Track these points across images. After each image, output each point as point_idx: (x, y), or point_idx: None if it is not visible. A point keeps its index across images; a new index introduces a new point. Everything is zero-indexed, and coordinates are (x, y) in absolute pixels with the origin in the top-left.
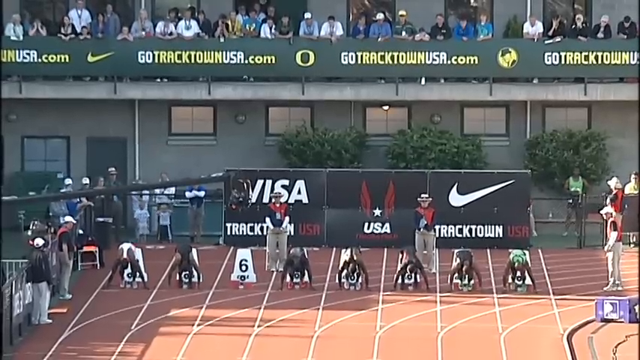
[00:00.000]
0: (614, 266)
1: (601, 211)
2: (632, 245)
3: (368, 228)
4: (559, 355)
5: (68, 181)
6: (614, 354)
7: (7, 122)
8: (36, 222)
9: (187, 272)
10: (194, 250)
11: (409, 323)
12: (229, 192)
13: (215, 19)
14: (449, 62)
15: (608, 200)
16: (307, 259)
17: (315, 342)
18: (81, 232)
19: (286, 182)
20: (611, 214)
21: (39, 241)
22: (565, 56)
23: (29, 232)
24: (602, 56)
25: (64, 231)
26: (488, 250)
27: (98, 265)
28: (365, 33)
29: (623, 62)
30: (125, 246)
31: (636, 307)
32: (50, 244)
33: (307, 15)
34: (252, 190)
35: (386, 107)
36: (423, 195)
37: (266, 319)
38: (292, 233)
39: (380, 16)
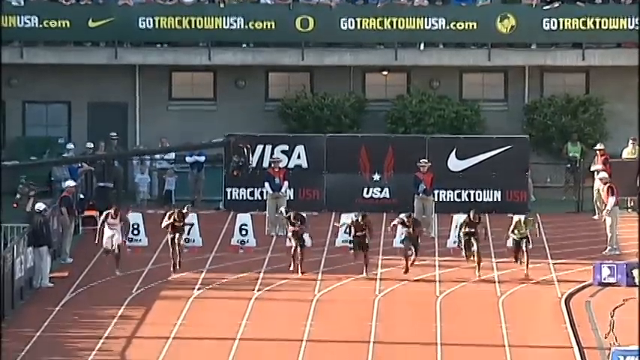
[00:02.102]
0: (613, 230)
1: (597, 176)
2: (629, 210)
3: (367, 192)
4: (557, 319)
5: (70, 145)
6: (612, 317)
7: (8, 87)
8: (21, 185)
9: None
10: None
11: (408, 287)
12: (229, 157)
13: None
14: (447, 28)
15: (596, 165)
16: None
17: (314, 306)
18: (82, 196)
19: (286, 147)
20: (607, 179)
21: (40, 206)
22: (563, 22)
23: (17, 196)
24: (600, 22)
25: (66, 195)
26: (486, 215)
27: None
28: None
29: (621, 28)
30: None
31: (634, 271)
32: (51, 209)
33: None
34: (252, 155)
35: (385, 72)
36: (421, 160)
37: (266, 283)
38: (292, 198)
39: None
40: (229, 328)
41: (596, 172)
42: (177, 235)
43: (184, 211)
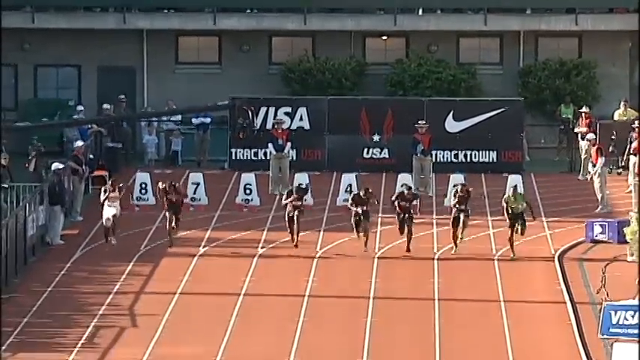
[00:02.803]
0: (603, 190)
1: (586, 137)
2: (619, 169)
3: (367, 153)
4: (551, 275)
5: (80, 107)
6: (603, 273)
7: (21, 51)
8: (31, 146)
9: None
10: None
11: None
12: (234, 119)
13: None
14: None
15: (580, 127)
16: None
17: (316, 263)
18: (92, 156)
19: (289, 109)
20: (596, 139)
21: (56, 165)
22: None
23: (29, 157)
24: None
25: (75, 155)
26: (482, 175)
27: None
28: None
29: None
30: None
31: (625, 229)
32: (63, 168)
33: None
34: (256, 117)
35: (384, 37)
36: (420, 121)
37: (269, 241)
38: (294, 158)
39: None
40: (234, 284)
41: (579, 134)
42: (174, 214)
43: (176, 184)
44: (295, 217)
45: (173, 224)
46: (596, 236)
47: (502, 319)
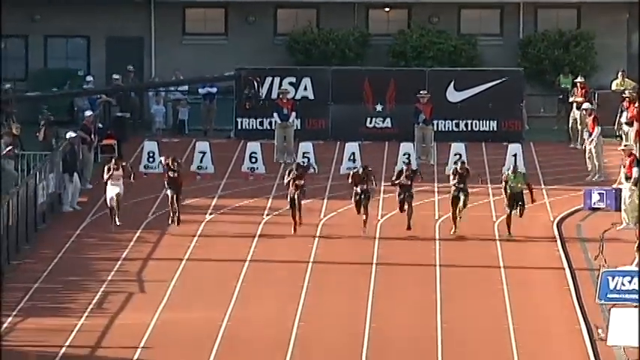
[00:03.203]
0: (600, 159)
1: (582, 107)
2: (616, 137)
3: (370, 122)
4: (550, 241)
5: (89, 78)
6: (601, 240)
7: (31, 22)
8: (40, 115)
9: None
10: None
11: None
12: (240, 89)
13: None
14: None
15: (575, 97)
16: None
17: (320, 230)
18: (100, 126)
19: (293, 79)
20: (592, 109)
21: (70, 134)
22: None
23: (39, 126)
24: None
25: (85, 124)
26: (483, 144)
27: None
28: None
29: None
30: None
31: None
32: (75, 137)
33: None
34: (262, 87)
35: (387, 9)
36: (421, 91)
37: (274, 208)
38: (299, 127)
39: None
40: (240, 250)
41: (575, 104)
42: (175, 191)
43: (179, 161)
44: (297, 200)
45: (175, 205)
46: (594, 204)
47: (502, 285)
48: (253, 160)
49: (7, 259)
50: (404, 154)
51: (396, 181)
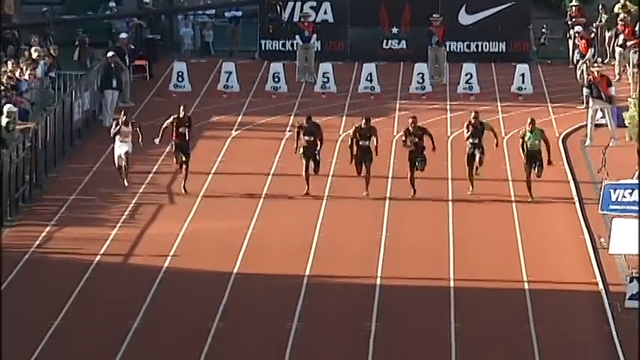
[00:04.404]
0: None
1: (575, 29)
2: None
3: (386, 44)
4: (555, 156)
5: (112, 3)
6: (604, 155)
7: None
8: (76, 37)
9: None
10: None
11: None
12: (264, 12)
13: None
14: None
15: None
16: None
17: (339, 145)
18: (132, 47)
19: (314, 3)
20: (584, 32)
21: (110, 53)
22: None
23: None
24: None
25: (120, 47)
26: (492, 64)
27: (147, 76)
28: None
29: None
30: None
31: (624, 114)
32: (112, 56)
33: None
34: (284, 11)
35: None
36: (434, 15)
37: (296, 125)
38: (319, 49)
39: None
40: (263, 165)
41: (571, 24)
42: (181, 151)
43: (189, 114)
44: (309, 161)
45: (183, 167)
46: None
47: (510, 197)
48: (276, 79)
49: (44, 172)
50: (418, 74)
51: (404, 138)
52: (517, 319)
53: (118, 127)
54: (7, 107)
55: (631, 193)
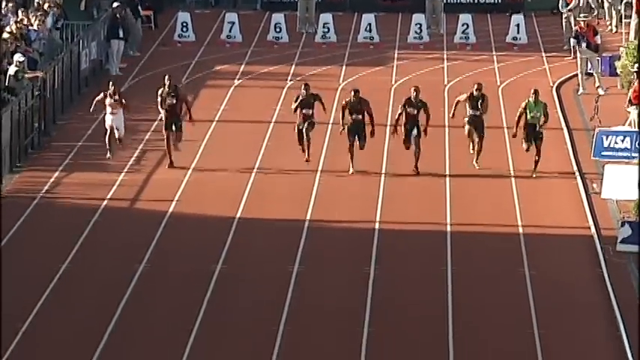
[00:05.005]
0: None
1: None
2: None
3: None
4: (549, 104)
5: None
6: (596, 103)
7: None
8: None
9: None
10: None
11: (420, 77)
12: None
13: None
14: None
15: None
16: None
17: (339, 94)
18: None
19: None
20: None
21: (116, 3)
22: None
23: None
24: None
25: None
26: (488, 15)
27: (153, 26)
28: None
29: None
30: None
31: (616, 62)
32: (119, 6)
33: None
34: None
35: None
36: None
37: (297, 74)
38: (319, 0)
39: None
40: (265, 113)
41: None
42: (173, 124)
43: (177, 85)
44: (305, 131)
45: (172, 142)
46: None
47: (505, 144)
48: (278, 30)
49: (53, 120)
50: (416, 24)
51: (402, 108)
52: (511, 262)
53: (104, 96)
54: (16, 56)
55: (622, 140)
